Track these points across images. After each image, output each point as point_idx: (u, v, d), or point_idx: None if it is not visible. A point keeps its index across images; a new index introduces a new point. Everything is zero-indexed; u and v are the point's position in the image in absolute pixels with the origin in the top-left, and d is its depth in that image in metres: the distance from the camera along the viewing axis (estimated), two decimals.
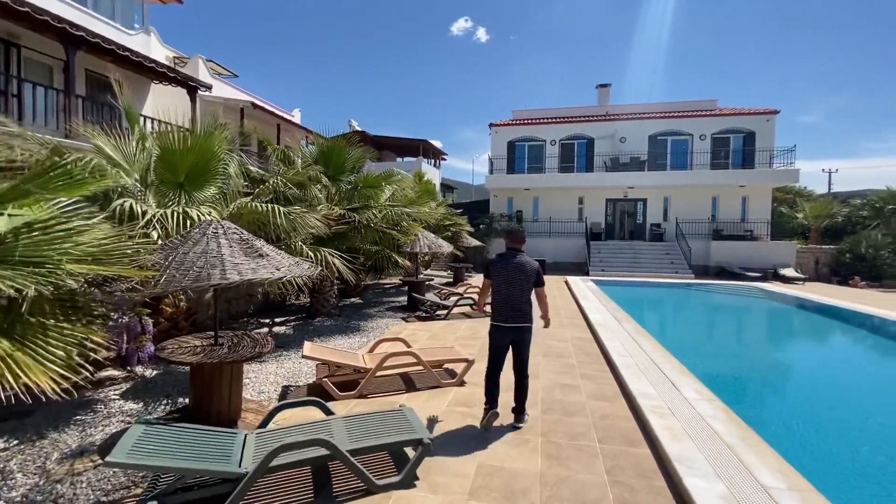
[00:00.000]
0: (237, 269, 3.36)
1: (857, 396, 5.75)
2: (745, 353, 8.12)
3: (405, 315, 8.98)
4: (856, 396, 5.75)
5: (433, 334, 7.45)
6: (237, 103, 13.99)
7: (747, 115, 20.45)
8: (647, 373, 5.13)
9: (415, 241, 9.08)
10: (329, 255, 6.21)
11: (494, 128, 22.59)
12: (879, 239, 16.98)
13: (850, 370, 7.22)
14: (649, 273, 17.78)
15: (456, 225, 13.58)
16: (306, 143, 9.01)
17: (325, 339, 6.98)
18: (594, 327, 7.62)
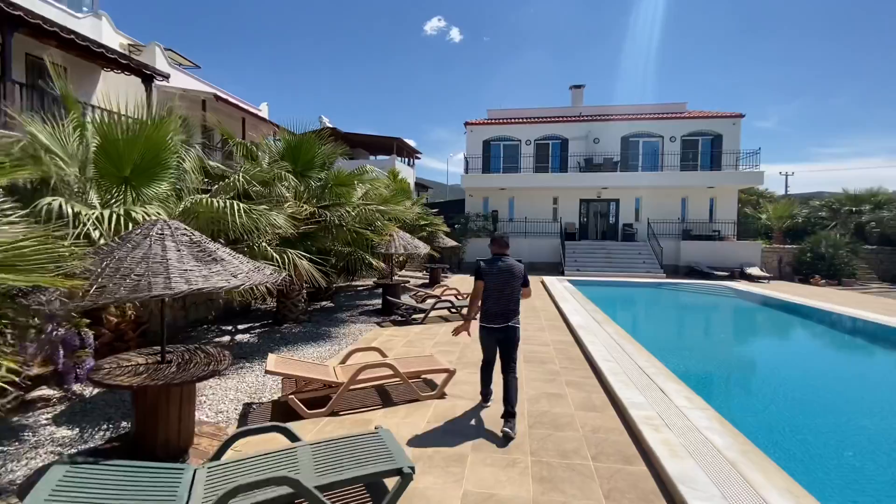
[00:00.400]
0: (185, 276, 2.89)
1: (843, 398, 5.76)
2: (725, 355, 8.12)
3: (380, 320, 8.56)
4: (842, 398, 5.76)
5: (410, 340, 7.07)
6: (198, 95, 13.17)
7: (714, 118, 21.00)
8: (634, 379, 4.93)
9: (389, 242, 8.66)
10: (297, 258, 5.73)
11: (470, 126, 22.35)
12: (837, 239, 17.73)
13: (831, 371, 7.29)
14: (622, 272, 17.95)
15: (432, 225, 13.23)
16: (273, 138, 8.45)
17: (292, 349, 6.48)
18: (575, 330, 7.43)
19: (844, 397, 5.77)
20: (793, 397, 5.68)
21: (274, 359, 4.41)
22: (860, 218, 20.32)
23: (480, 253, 19.63)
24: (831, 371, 7.20)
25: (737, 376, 6.77)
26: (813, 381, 6.49)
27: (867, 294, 14.02)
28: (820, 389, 6.09)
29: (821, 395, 5.80)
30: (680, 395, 4.43)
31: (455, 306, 8.61)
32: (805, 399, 5.64)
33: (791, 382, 6.31)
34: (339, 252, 7.89)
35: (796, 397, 5.68)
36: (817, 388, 6.16)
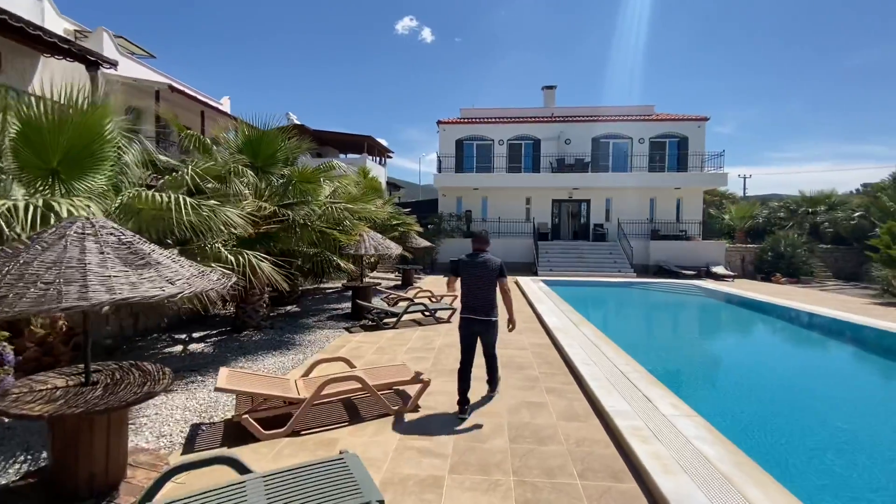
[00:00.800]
0: (107, 284, 2.43)
1: (822, 398, 5.78)
2: (703, 356, 8.07)
3: (349, 325, 8.10)
4: (820, 397, 5.78)
5: (381, 347, 6.67)
6: (151, 85, 12.28)
7: (681, 120, 21.51)
8: (617, 384, 4.72)
9: (359, 243, 8.22)
10: (255, 260, 5.24)
11: (442, 125, 22.05)
12: (796, 238, 18.45)
13: (807, 369, 7.35)
14: (594, 272, 18.07)
15: (404, 224, 12.82)
16: (235, 133, 7.88)
17: (251, 359, 5.97)
18: (552, 332, 7.23)
19: (823, 396, 5.79)
20: (771, 397, 5.64)
21: (226, 373, 3.94)
22: (815, 218, 21.28)
23: (454, 253, 19.30)
24: (807, 369, 7.28)
25: (716, 378, 6.71)
26: (788, 380, 6.51)
27: (826, 291, 14.59)
28: (798, 388, 6.10)
29: (799, 394, 5.80)
30: (664, 400, 4.24)
31: (429, 309, 8.26)
32: (783, 399, 5.62)
33: (768, 382, 6.29)
34: (305, 253, 7.39)
35: (775, 397, 5.65)
36: (793, 387, 6.18)
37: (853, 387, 6.40)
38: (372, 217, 8.59)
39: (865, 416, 5.04)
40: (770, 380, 6.39)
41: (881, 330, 8.03)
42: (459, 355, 4.37)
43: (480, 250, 4.44)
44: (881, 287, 13.18)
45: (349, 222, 7.72)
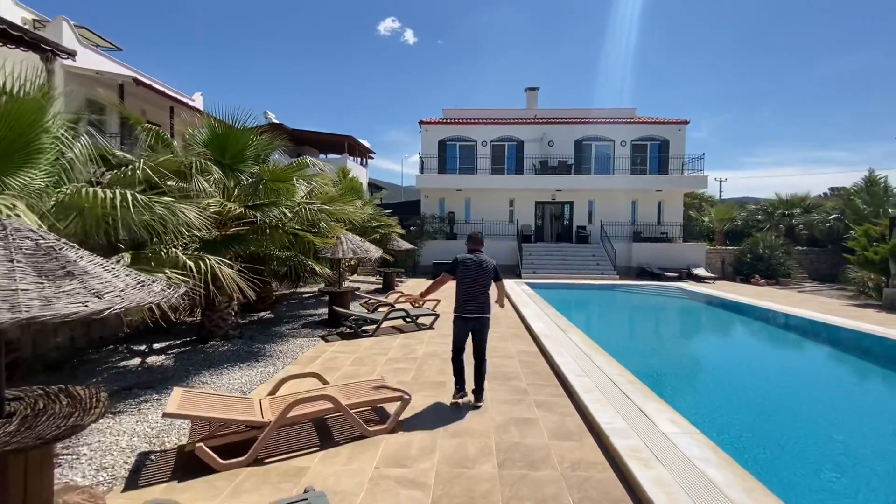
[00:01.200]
0: (11, 299, 1.98)
1: (819, 406, 5.61)
2: (695, 363, 7.83)
3: (325, 332, 7.65)
4: (818, 406, 5.61)
5: (359, 357, 6.25)
6: (115, 78, 11.55)
7: (662, 123, 21.68)
8: (610, 396, 4.44)
9: (336, 245, 7.78)
10: (218, 265, 4.78)
11: (425, 126, 21.70)
12: (773, 240, 18.73)
13: (804, 377, 7.20)
14: (577, 274, 17.97)
15: (385, 226, 12.40)
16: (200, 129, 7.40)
17: (216, 373, 5.48)
18: (539, 339, 6.94)
19: (820, 404, 5.64)
20: (768, 407, 5.44)
21: (179, 395, 3.48)
22: (791, 221, 21.71)
23: (437, 256, 19.01)
24: (804, 377, 7.08)
25: (712, 388, 6.36)
26: (784, 388, 6.33)
27: (804, 293, 14.77)
28: (797, 398, 5.94)
29: (800, 405, 5.63)
30: (663, 415, 3.97)
31: (410, 316, 7.87)
32: (781, 408, 5.44)
33: (763, 391, 6.10)
34: (278, 257, 6.91)
35: (772, 407, 5.46)
36: (790, 396, 6.01)
37: (851, 394, 6.28)
38: (350, 219, 8.15)
39: (865, 421, 4.90)
40: (764, 388, 6.20)
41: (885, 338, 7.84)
42: (443, 366, 4.58)
43: (475, 250, 4.58)
44: (857, 288, 13.38)
45: (325, 224, 7.27)
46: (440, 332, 7.75)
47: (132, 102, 12.85)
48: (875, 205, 16.42)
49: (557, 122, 21.79)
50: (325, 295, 9.64)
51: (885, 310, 11.06)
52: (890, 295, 11.48)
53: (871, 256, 11.84)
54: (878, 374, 7.07)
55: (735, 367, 7.45)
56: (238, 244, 6.00)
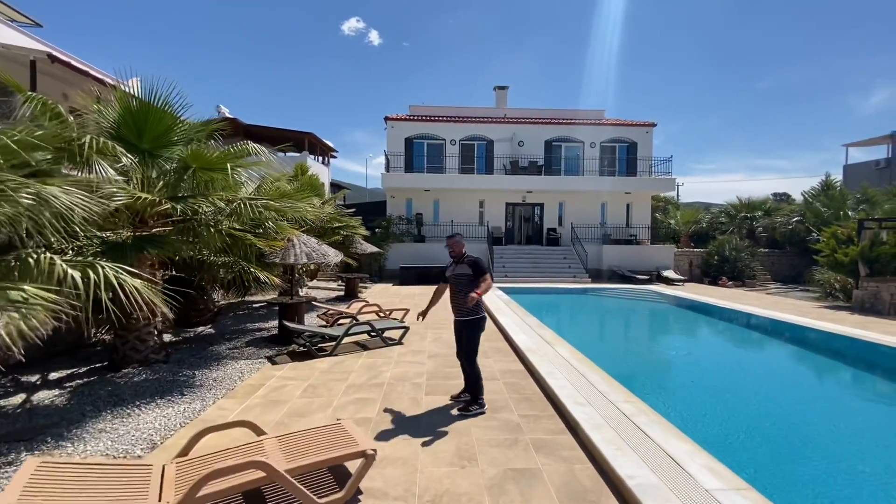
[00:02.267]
0: None
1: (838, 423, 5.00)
2: (707, 383, 6.53)
3: (274, 352, 6.47)
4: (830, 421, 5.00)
5: (312, 385, 5.15)
6: (25, 53, 9.83)
7: (630, 125, 21.64)
8: (624, 433, 3.61)
9: (287, 249, 6.62)
10: (117, 274, 3.59)
11: (390, 122, 20.60)
12: (739, 242, 18.94)
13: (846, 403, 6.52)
14: (550, 277, 17.43)
15: (348, 228, 11.25)
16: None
17: (120, 414, 4.23)
18: (524, 355, 6.08)
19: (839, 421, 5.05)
20: (810, 437, 4.67)
21: (28, 472, 2.32)
22: (752, 223, 22.19)
23: (404, 259, 17.95)
24: (840, 400, 6.17)
25: (741, 417, 5.09)
26: (816, 409, 5.62)
27: (774, 295, 14.82)
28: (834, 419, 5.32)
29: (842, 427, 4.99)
30: (696, 461, 3.16)
31: (375, 330, 6.82)
32: (822, 433, 4.75)
33: (797, 415, 5.26)
34: (212, 264, 5.70)
35: (814, 436, 4.73)
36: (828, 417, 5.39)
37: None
38: (304, 217, 7.01)
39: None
40: (798, 412, 5.38)
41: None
42: (415, 393, 4.68)
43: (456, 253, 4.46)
44: (823, 290, 13.47)
45: (272, 224, 6.12)
46: (410, 349, 6.75)
47: (50, 85, 11.07)
48: (834, 207, 16.84)
49: (527, 121, 21.29)
50: (275, 306, 8.41)
51: (857, 311, 11.04)
52: (860, 297, 11.50)
53: (841, 259, 11.86)
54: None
55: (753, 389, 6.23)
56: (155, 247, 4.76)
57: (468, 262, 4.31)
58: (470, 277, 4.25)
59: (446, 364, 5.93)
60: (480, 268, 4.27)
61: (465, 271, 4.28)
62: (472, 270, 4.25)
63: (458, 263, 4.36)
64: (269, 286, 8.84)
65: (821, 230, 17.45)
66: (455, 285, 4.35)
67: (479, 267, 4.28)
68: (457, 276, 4.33)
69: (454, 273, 4.36)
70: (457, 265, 4.37)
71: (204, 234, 5.11)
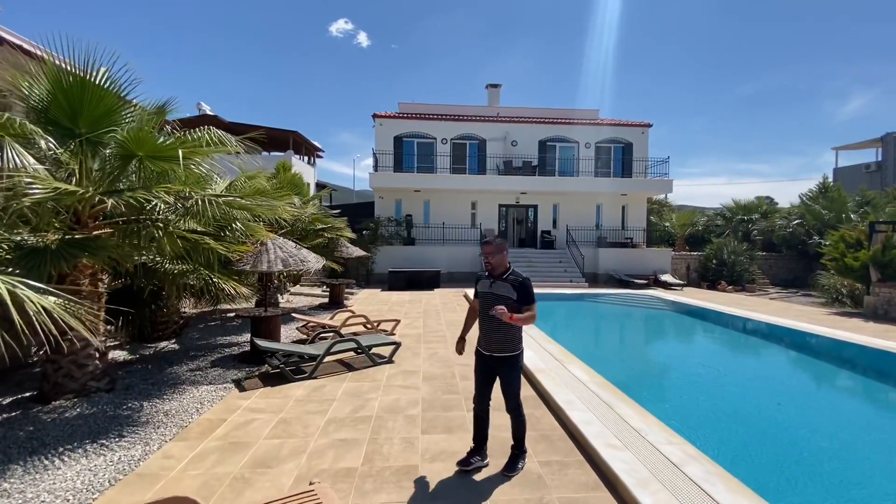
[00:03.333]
0: None
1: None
2: (761, 415, 5.20)
3: (243, 374, 5.57)
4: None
5: (284, 420, 4.27)
6: None
7: (625, 126, 21.11)
8: (682, 496, 2.82)
9: (259, 254, 5.73)
10: (15, 288, 2.69)
11: (379, 119, 19.71)
12: (736, 245, 18.48)
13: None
14: (545, 281, 16.71)
15: (333, 230, 10.35)
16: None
17: (35, 466, 3.30)
18: (533, 376, 5.29)
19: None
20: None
21: None
22: (748, 226, 21.82)
23: (394, 263, 17.07)
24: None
25: (830, 466, 4.01)
26: None
27: (776, 300, 14.31)
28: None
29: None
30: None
31: (362, 346, 5.95)
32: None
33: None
34: (167, 272, 4.78)
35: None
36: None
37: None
38: (278, 217, 6.11)
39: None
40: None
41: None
42: (410, 430, 3.71)
43: (488, 265, 3.35)
44: (829, 295, 12.99)
45: (240, 224, 5.23)
46: (402, 368, 5.90)
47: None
48: (835, 210, 16.47)
49: (521, 120, 20.60)
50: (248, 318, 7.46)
51: (871, 318, 10.52)
52: (872, 303, 11.00)
53: (851, 263, 11.36)
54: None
55: (810, 421, 5.15)
56: (90, 252, 3.84)
57: (513, 282, 3.20)
58: (511, 302, 3.13)
59: (445, 389, 5.10)
60: (528, 292, 3.18)
61: (506, 293, 3.18)
62: (518, 294, 3.15)
63: (497, 280, 3.26)
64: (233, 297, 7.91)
65: (822, 233, 17.12)
66: (486, 307, 3.22)
67: (527, 291, 3.18)
68: (496, 297, 3.19)
69: (491, 291, 3.25)
70: (495, 282, 3.26)
71: (154, 236, 4.20)
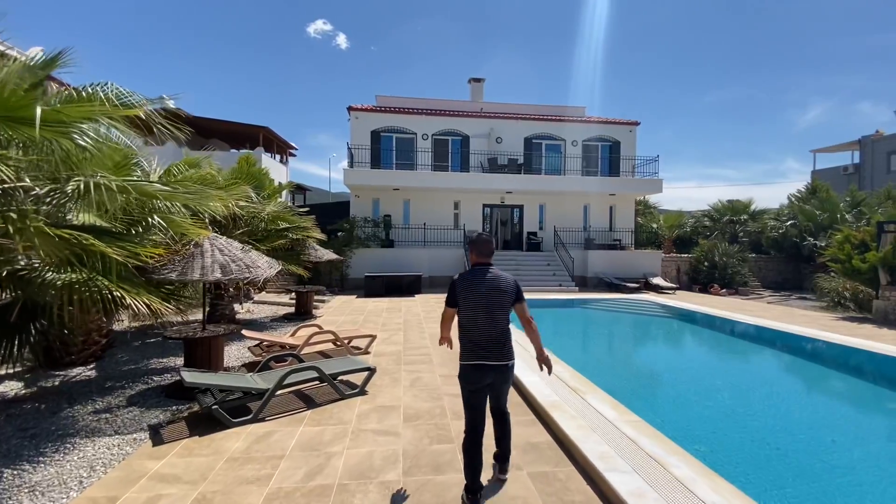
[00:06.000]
0: None
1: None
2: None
3: (167, 415, 4.22)
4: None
5: (204, 497, 2.97)
6: None
7: (613, 124, 20.39)
8: None
9: (190, 259, 4.40)
10: None
11: (355, 112, 18.36)
12: (728, 247, 17.92)
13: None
14: (534, 286, 15.70)
15: (298, 230, 8.99)
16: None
17: None
18: (547, 414, 4.14)
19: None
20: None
21: None
22: (736, 227, 21.40)
23: (370, 267, 15.75)
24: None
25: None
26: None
27: (774, 304, 13.65)
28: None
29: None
30: None
31: (325, 376, 4.68)
32: None
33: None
34: (44, 283, 3.41)
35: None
36: None
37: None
38: (214, 212, 4.76)
39: None
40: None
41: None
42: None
43: (484, 263, 3.03)
44: (831, 299, 12.38)
45: (159, 219, 3.91)
46: (377, 402, 4.66)
47: None
48: (829, 210, 16.05)
49: (506, 116, 19.59)
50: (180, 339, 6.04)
51: (881, 324, 9.85)
52: (882, 308, 10.35)
53: (858, 265, 10.71)
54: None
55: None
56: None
57: (505, 278, 3.06)
58: (513, 299, 3.00)
59: (436, 435, 3.88)
60: (518, 291, 3.02)
61: (509, 287, 3.04)
62: (516, 290, 3.04)
63: (493, 276, 3.05)
64: (186, 305, 6.51)
65: (815, 235, 16.69)
66: (495, 305, 2.95)
67: (518, 289, 3.02)
68: (499, 294, 2.99)
69: (497, 289, 3.02)
70: (494, 278, 3.04)
71: (7, 231, 2.86)
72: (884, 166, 26.45)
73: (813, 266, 17.55)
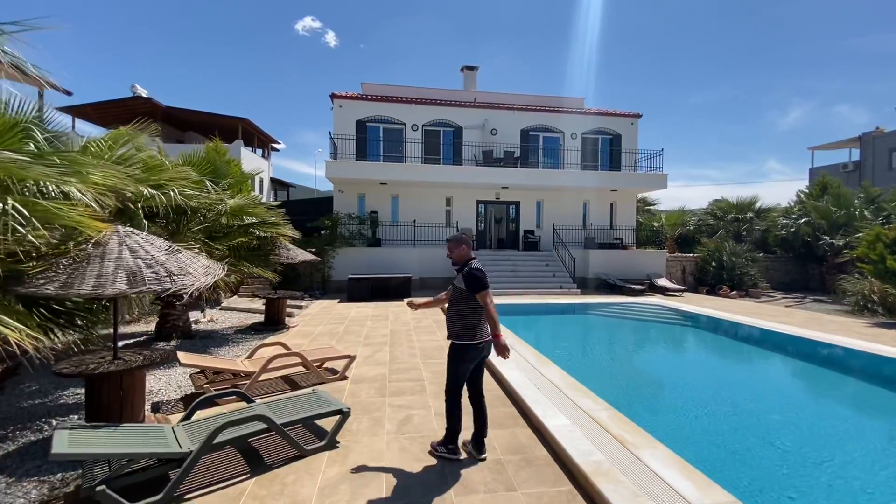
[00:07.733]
0: None
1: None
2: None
3: (46, 489, 2.91)
4: None
5: None
6: None
7: (614, 116, 19.33)
8: None
9: (84, 264, 3.10)
10: None
11: (338, 100, 16.98)
12: (736, 247, 16.97)
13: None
14: (532, 288, 14.56)
15: (263, 225, 7.61)
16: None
17: None
18: (583, 474, 2.93)
19: None
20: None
21: None
22: (740, 226, 20.51)
23: (355, 268, 14.44)
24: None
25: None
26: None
27: (793, 307, 12.67)
28: None
29: None
30: None
31: (277, 427, 3.39)
32: None
33: None
34: None
35: None
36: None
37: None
38: (86, 190, 3.42)
39: None
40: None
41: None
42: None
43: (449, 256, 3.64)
44: (856, 302, 11.41)
45: (14, 203, 2.62)
46: (350, 462, 3.37)
47: None
48: (845, 207, 15.15)
49: (501, 107, 18.38)
50: (77, 377, 4.67)
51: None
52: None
53: (893, 266, 9.72)
54: None
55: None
56: None
57: (465, 274, 3.39)
58: (463, 292, 3.36)
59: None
60: (472, 280, 3.31)
61: (459, 283, 3.42)
62: (465, 283, 3.34)
63: (459, 272, 3.48)
64: (151, 309, 5.15)
65: (832, 233, 15.77)
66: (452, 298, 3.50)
67: (472, 278, 3.32)
68: (454, 288, 3.50)
69: (453, 283, 3.53)
70: (458, 274, 3.48)
71: None
72: (885, 163, 25.86)
73: (825, 266, 16.67)
